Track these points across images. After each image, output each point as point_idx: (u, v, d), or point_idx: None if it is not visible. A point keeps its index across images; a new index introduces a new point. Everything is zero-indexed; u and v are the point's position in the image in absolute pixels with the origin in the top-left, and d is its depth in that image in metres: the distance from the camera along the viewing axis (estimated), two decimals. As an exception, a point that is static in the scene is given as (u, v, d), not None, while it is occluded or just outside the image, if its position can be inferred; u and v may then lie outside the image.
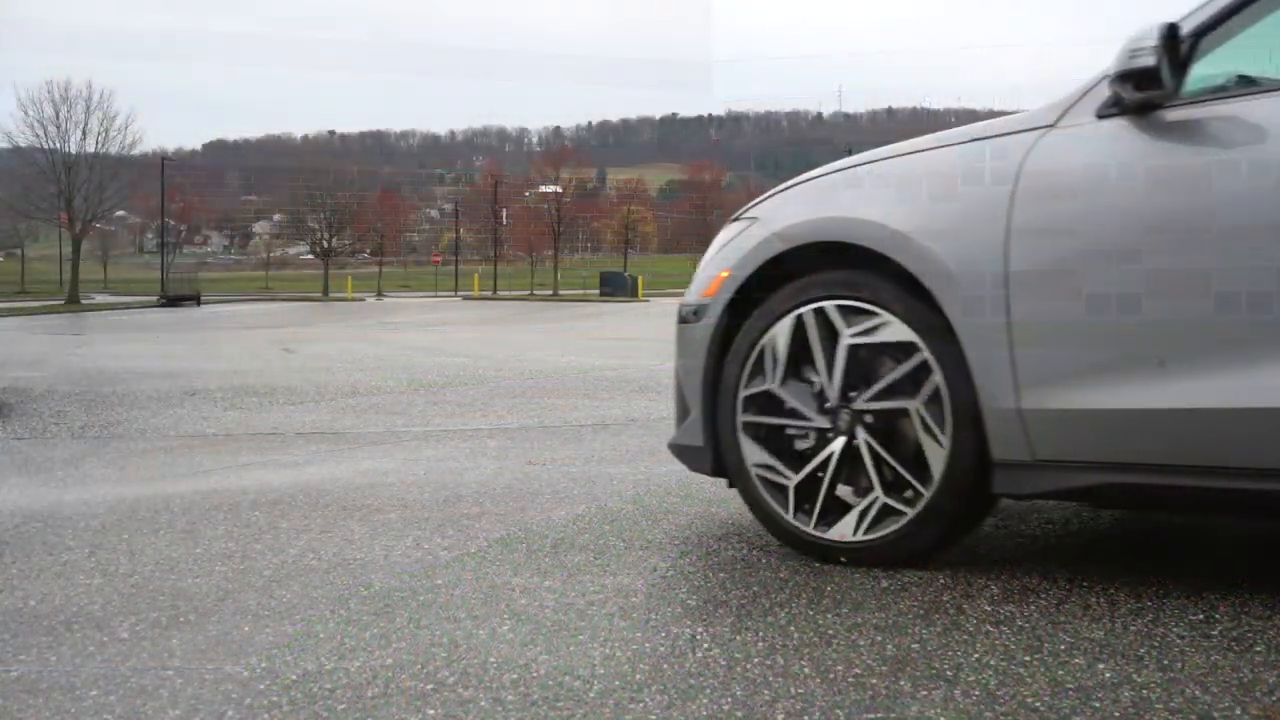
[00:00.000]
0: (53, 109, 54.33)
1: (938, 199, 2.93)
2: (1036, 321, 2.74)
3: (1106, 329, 2.65)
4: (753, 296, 3.20)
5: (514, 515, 3.75)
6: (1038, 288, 2.73)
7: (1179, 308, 2.57)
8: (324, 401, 7.53)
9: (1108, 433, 2.66)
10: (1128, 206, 2.66)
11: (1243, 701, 2.04)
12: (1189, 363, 2.54)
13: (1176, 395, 2.54)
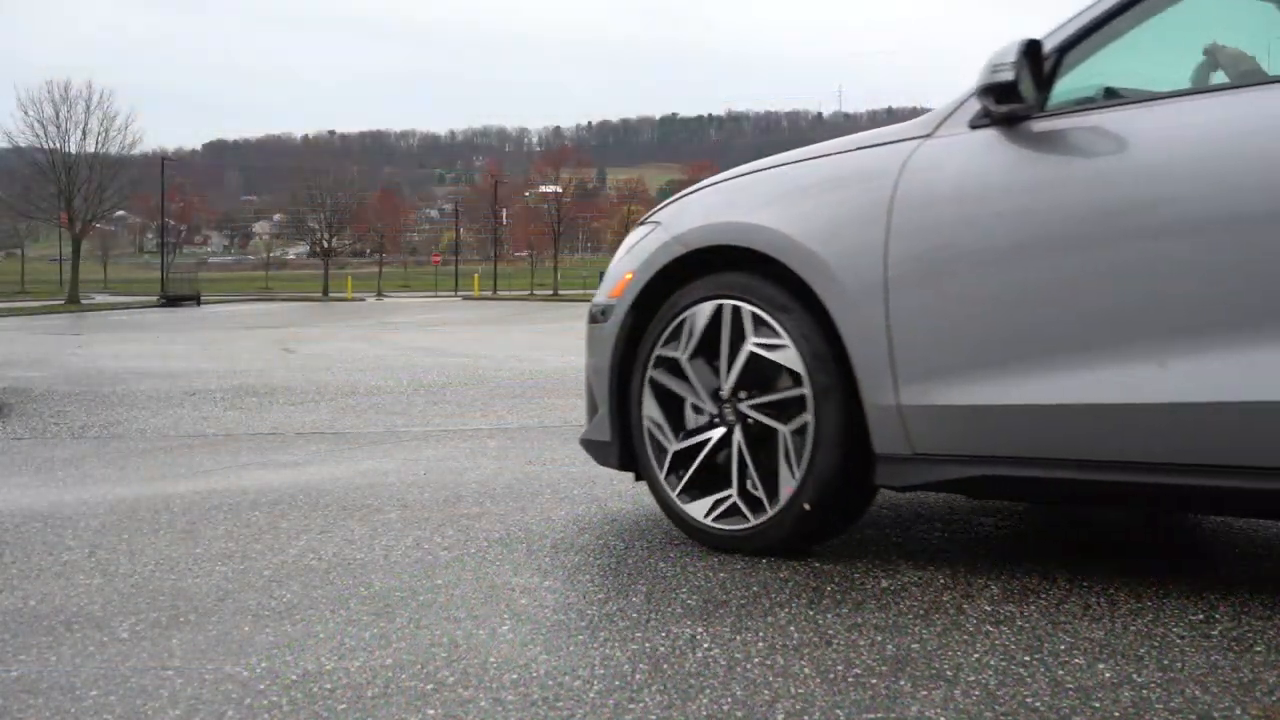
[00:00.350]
0: (53, 109, 54.40)
1: (823, 204, 3.05)
2: (912, 321, 2.85)
3: (976, 328, 2.77)
4: (656, 298, 3.36)
5: (514, 515, 3.75)
6: (913, 289, 2.85)
7: (1044, 309, 2.68)
8: (324, 401, 7.53)
9: (979, 428, 2.77)
10: (996, 212, 2.77)
11: (1243, 701, 2.04)
12: (1053, 360, 2.65)
13: (1043, 392, 2.65)
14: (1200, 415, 2.47)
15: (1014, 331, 2.72)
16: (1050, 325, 2.68)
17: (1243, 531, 3.42)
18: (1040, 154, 2.76)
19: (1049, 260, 2.68)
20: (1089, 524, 3.53)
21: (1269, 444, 2.38)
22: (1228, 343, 2.44)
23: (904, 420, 2.87)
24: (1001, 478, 2.78)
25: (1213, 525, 3.53)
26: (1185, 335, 2.49)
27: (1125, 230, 2.59)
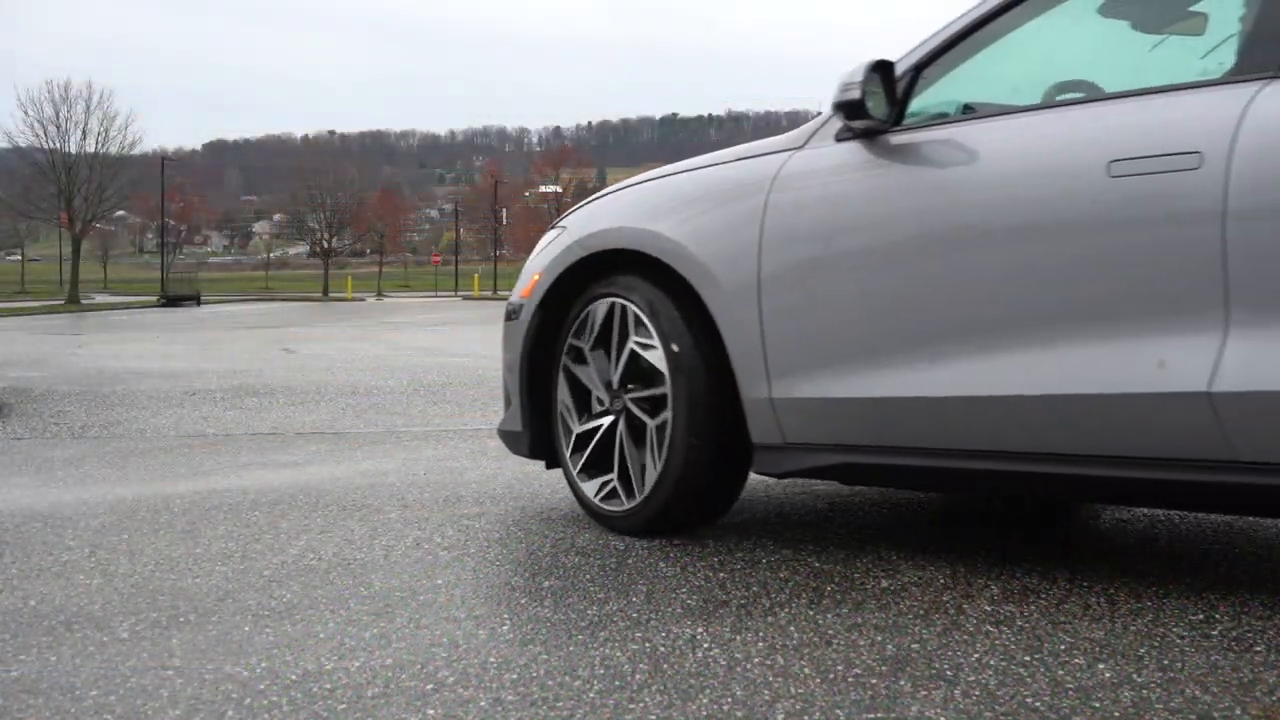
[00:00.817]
0: (53, 109, 54.42)
1: (706, 211, 3.30)
2: (782, 321, 3.09)
3: (837, 327, 3.01)
4: (562, 298, 3.61)
5: (514, 515, 3.75)
6: (782, 292, 3.09)
7: (896, 309, 2.91)
8: (324, 401, 7.53)
9: (842, 419, 3.02)
10: (854, 219, 3.01)
11: (1243, 701, 2.04)
12: (903, 357, 2.89)
13: (895, 386, 2.89)
14: (1029, 407, 2.69)
15: (870, 330, 2.96)
16: (901, 324, 2.90)
17: (1243, 531, 3.42)
18: (895, 165, 2.97)
19: (901, 264, 2.91)
20: (1089, 524, 3.53)
21: (1088, 432, 2.62)
22: (1052, 340, 2.66)
23: (776, 412, 3.11)
24: (862, 465, 3.04)
25: (1213, 525, 3.53)
26: (1017, 333, 2.72)
27: (969, 235, 2.81)
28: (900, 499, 3.99)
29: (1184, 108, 2.58)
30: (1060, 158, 2.71)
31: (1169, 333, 2.52)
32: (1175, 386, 2.49)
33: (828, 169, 3.09)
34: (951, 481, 3.04)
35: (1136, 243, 2.57)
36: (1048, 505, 3.79)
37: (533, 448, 3.67)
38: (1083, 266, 2.64)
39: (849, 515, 3.68)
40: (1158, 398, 2.52)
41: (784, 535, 3.39)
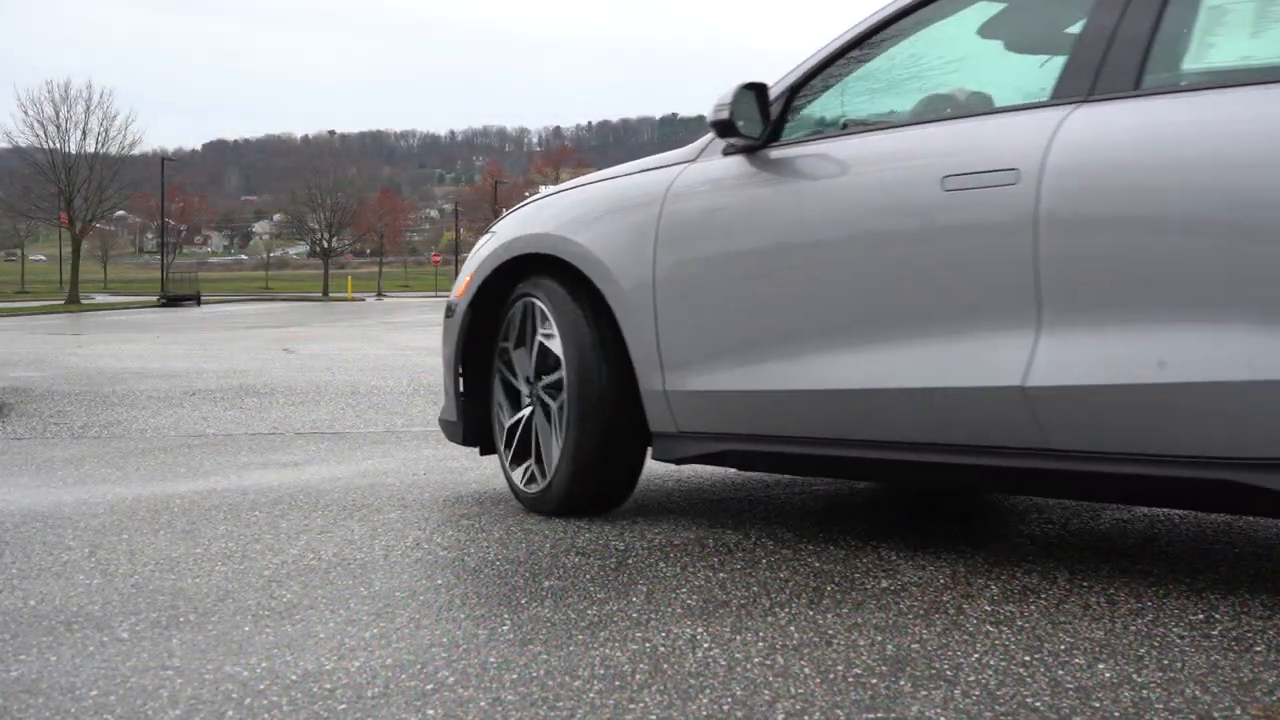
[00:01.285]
0: (53, 109, 54.40)
1: (610, 219, 3.59)
2: (673, 319, 3.38)
3: (719, 325, 3.31)
4: (491, 297, 3.90)
5: (513, 515, 3.75)
6: (673, 292, 3.38)
7: (770, 309, 3.21)
8: (324, 401, 7.53)
9: (725, 409, 3.32)
10: (734, 225, 3.30)
11: (1243, 701, 2.04)
12: (775, 352, 3.18)
13: (770, 379, 3.18)
14: (882, 399, 2.98)
15: (746, 328, 3.26)
16: (772, 323, 3.21)
17: (1243, 531, 3.42)
18: (770, 177, 3.26)
19: (771, 268, 3.22)
20: (1089, 524, 3.53)
21: (929, 422, 2.91)
22: (899, 338, 2.95)
23: (670, 403, 3.42)
24: (745, 452, 3.34)
25: (1213, 525, 3.53)
26: (870, 331, 3.01)
27: (829, 242, 3.11)
28: (901, 499, 3.99)
29: (1007, 129, 2.87)
30: (905, 173, 3.00)
31: (993, 332, 2.79)
32: (997, 381, 2.77)
33: (713, 180, 3.39)
34: (821, 467, 3.32)
35: (965, 251, 2.85)
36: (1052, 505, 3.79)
37: (465, 436, 3.98)
38: (923, 272, 2.92)
39: (849, 515, 3.68)
40: (984, 391, 2.80)
41: (784, 535, 3.39)
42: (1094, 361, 2.66)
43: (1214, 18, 2.72)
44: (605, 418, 3.51)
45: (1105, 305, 2.66)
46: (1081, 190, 2.69)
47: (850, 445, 3.10)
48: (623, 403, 3.51)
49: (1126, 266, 2.64)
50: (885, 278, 2.99)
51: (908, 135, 3.09)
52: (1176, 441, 2.58)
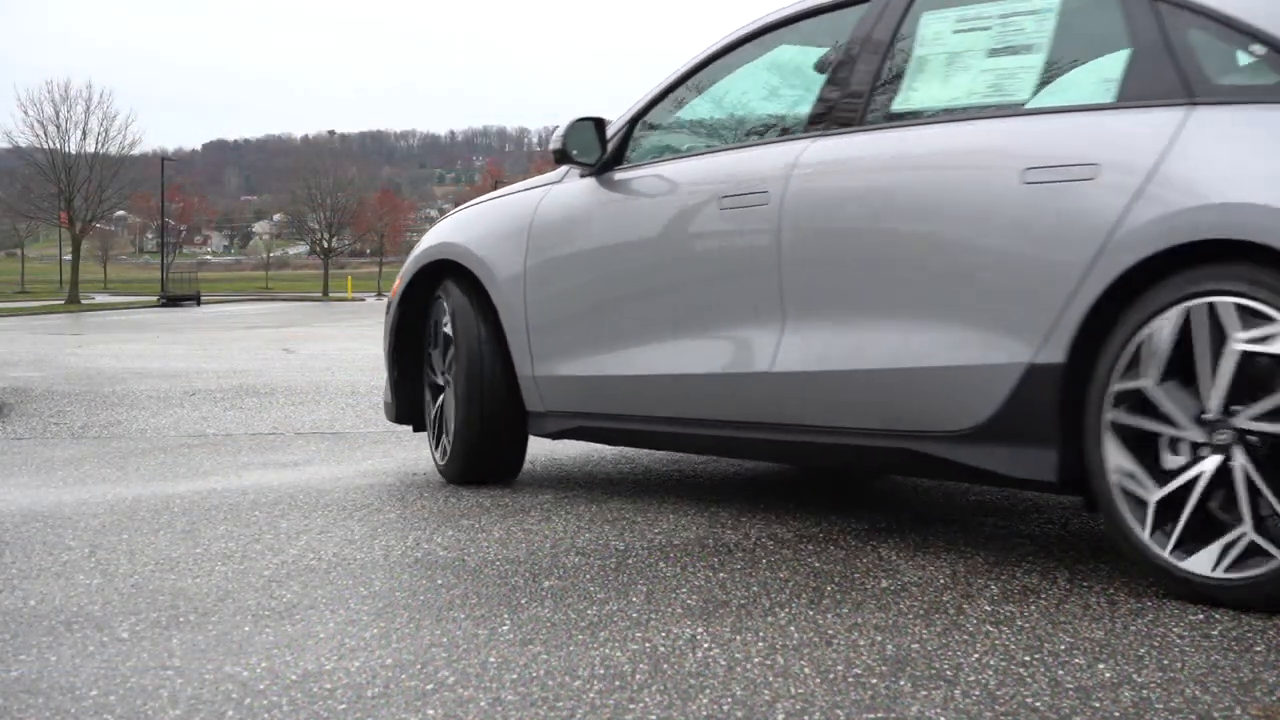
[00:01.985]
0: (53, 109, 54.39)
1: (495, 228, 4.22)
2: (538, 314, 4.01)
3: (572, 319, 3.95)
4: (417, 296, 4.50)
5: (514, 515, 3.75)
6: (539, 292, 4.01)
7: (605, 307, 3.86)
8: (324, 401, 7.52)
9: (577, 392, 3.94)
10: (582, 235, 3.95)
11: (1243, 701, 2.04)
12: (610, 344, 3.82)
13: (606, 367, 3.83)
14: (684, 384, 3.61)
15: (589, 323, 3.89)
16: (607, 319, 3.84)
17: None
18: (609, 195, 3.90)
19: (605, 271, 3.87)
20: (1089, 524, 3.53)
21: (715, 402, 3.55)
22: (693, 331, 3.59)
23: (538, 386, 4.03)
24: (593, 428, 3.96)
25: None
26: (673, 327, 3.64)
27: (644, 250, 3.77)
28: (900, 500, 3.99)
29: (768, 156, 3.47)
30: (699, 193, 3.63)
31: (755, 327, 3.41)
32: (754, 368, 3.42)
33: (570, 196, 4.01)
34: (651, 441, 3.93)
35: (734, 260, 3.48)
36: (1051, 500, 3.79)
37: (398, 415, 4.56)
38: (708, 277, 3.57)
39: (849, 515, 3.68)
40: (747, 376, 3.44)
41: (784, 535, 3.40)
42: (816, 351, 3.28)
43: (915, 70, 3.31)
44: (490, 398, 4.11)
45: (824, 305, 3.28)
46: (807, 209, 3.31)
47: (666, 422, 3.73)
48: (506, 386, 4.12)
49: (835, 272, 3.26)
50: (684, 282, 3.66)
51: (706, 161, 3.71)
52: (871, 416, 3.19)
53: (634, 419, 3.82)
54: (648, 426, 3.79)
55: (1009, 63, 3.14)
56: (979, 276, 2.95)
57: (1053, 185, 2.81)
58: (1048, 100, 3.00)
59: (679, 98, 3.91)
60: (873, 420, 3.18)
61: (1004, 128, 3.04)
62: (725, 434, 3.57)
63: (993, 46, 3.18)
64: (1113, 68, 2.93)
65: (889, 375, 3.11)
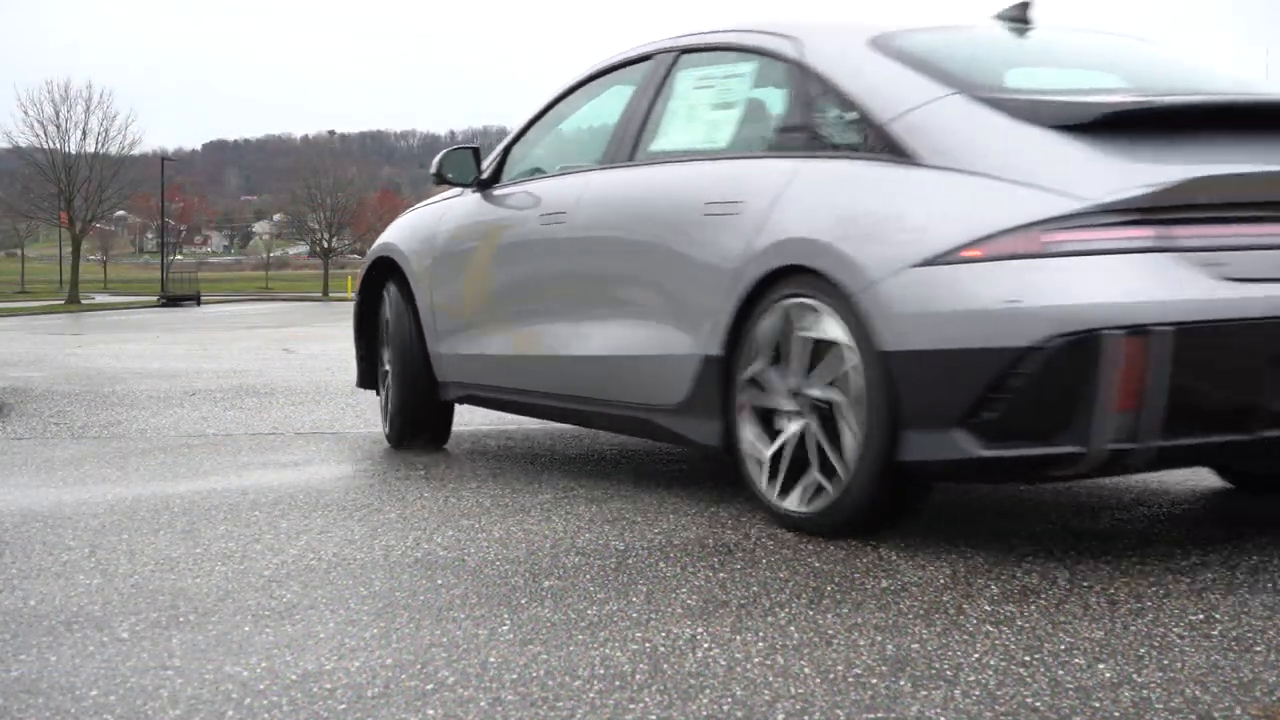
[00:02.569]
0: (53, 109, 54.36)
1: (418, 230, 5.19)
2: (440, 303, 4.95)
3: (458, 308, 4.88)
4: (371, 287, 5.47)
5: (514, 515, 3.75)
6: (440, 284, 4.96)
7: (483, 297, 4.77)
8: (324, 401, 7.52)
9: (465, 368, 4.87)
10: (468, 238, 4.89)
11: (1243, 701, 2.04)
12: (487, 328, 4.73)
13: (485, 347, 4.73)
14: (527, 363, 4.51)
15: (473, 310, 4.81)
16: (485, 307, 4.75)
17: (1243, 531, 3.42)
18: (488, 206, 4.83)
19: (482, 268, 4.79)
20: (1089, 524, 3.53)
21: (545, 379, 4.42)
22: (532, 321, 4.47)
23: (440, 362, 4.97)
24: (479, 396, 4.91)
25: (1213, 525, 3.53)
26: (529, 317, 4.49)
27: (506, 251, 4.64)
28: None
29: (572, 183, 4.41)
30: (533, 210, 4.53)
31: (563, 321, 4.30)
32: (561, 353, 4.31)
33: (464, 206, 4.96)
34: (515, 409, 4.81)
35: (551, 263, 4.38)
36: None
37: (362, 383, 5.64)
38: (539, 278, 4.46)
39: (849, 515, 3.67)
40: (561, 359, 4.32)
41: (784, 535, 3.40)
42: (588, 342, 4.18)
43: (669, 118, 4.15)
44: (415, 372, 5.06)
45: (593, 305, 4.19)
46: (583, 228, 4.21)
47: (522, 393, 4.61)
48: (427, 364, 5.03)
49: (598, 279, 4.18)
50: (525, 281, 4.55)
51: (545, 183, 4.60)
52: (622, 393, 4.05)
53: (501, 390, 4.73)
54: (510, 397, 4.72)
55: (718, 116, 4.01)
56: (679, 285, 3.80)
57: (719, 217, 3.65)
58: (731, 148, 3.88)
59: (543, 126, 4.82)
60: (624, 396, 4.06)
61: (703, 169, 3.89)
62: (555, 404, 4.46)
63: (713, 102, 4.06)
64: (772, 124, 3.86)
65: (628, 361, 4.01)
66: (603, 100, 4.61)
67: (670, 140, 4.12)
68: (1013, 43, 3.96)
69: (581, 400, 4.26)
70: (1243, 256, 2.99)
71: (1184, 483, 4.12)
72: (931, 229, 3.10)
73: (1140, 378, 2.84)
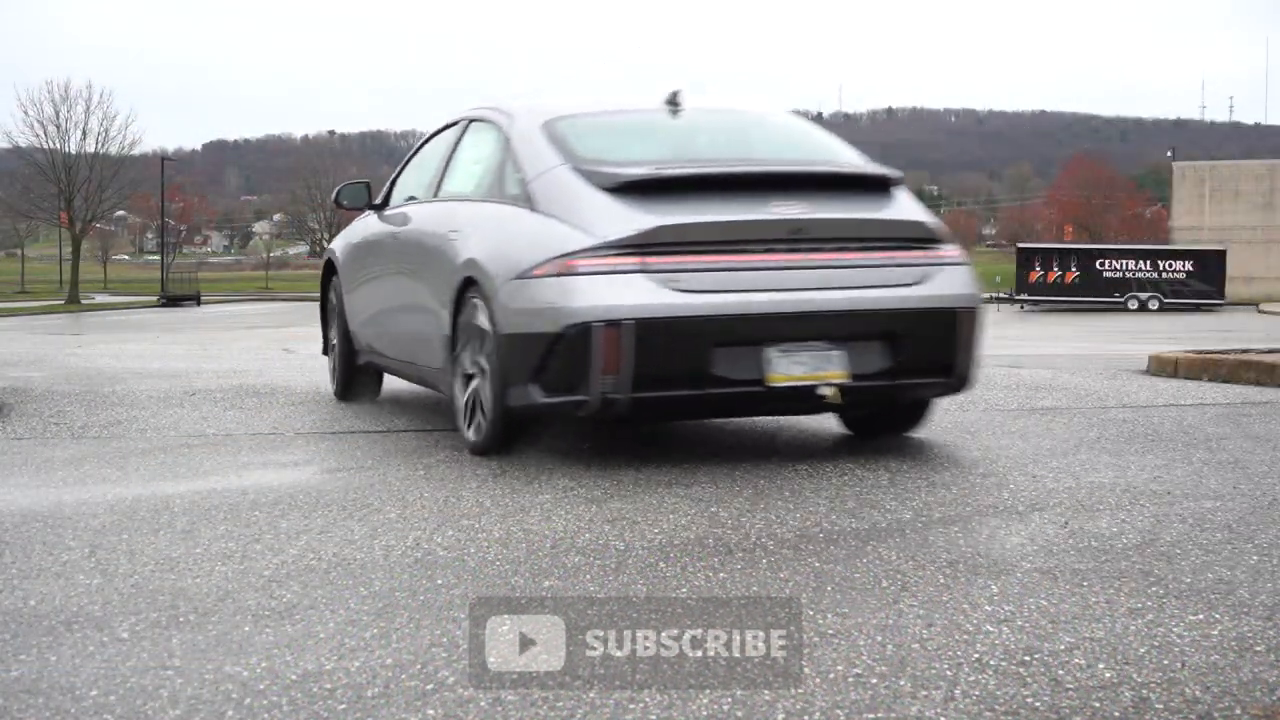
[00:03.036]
0: (53, 109, 54.27)
1: (348, 237, 6.94)
2: (350, 292, 6.60)
3: (359, 301, 6.45)
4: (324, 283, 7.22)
5: (514, 515, 3.75)
6: (350, 278, 6.63)
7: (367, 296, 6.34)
8: (324, 401, 7.52)
9: (361, 339, 6.47)
10: (363, 251, 6.51)
11: (1243, 701, 2.04)
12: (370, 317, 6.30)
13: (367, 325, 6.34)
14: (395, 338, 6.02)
15: (365, 305, 6.34)
16: (369, 304, 6.28)
17: (1243, 531, 3.42)
18: (379, 224, 6.33)
19: (368, 274, 6.36)
20: (1088, 524, 3.53)
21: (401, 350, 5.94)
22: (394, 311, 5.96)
23: (356, 336, 6.54)
24: (371, 362, 6.42)
25: (1213, 525, 3.53)
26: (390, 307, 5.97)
27: (379, 262, 6.22)
28: (900, 500, 3.99)
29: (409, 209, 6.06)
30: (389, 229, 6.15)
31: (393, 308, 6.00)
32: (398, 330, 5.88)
33: (364, 223, 6.63)
34: (388, 370, 6.37)
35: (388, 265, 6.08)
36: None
37: (325, 351, 7.29)
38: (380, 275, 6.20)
39: (849, 515, 3.68)
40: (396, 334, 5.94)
41: (784, 535, 3.40)
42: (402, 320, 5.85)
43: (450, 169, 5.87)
44: (346, 343, 6.69)
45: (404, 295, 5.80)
46: (403, 240, 5.91)
47: (382, 357, 6.16)
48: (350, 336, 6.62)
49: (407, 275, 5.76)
50: (379, 277, 6.20)
51: (403, 208, 6.15)
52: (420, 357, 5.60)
53: (376, 354, 6.29)
54: (380, 360, 6.28)
55: (471, 169, 5.69)
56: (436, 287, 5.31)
57: (453, 240, 5.20)
58: (471, 193, 5.52)
59: (413, 165, 6.44)
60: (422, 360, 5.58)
61: (454, 206, 5.55)
62: (397, 366, 6.06)
63: (471, 159, 5.72)
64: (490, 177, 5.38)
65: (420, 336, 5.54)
66: (437, 149, 6.20)
67: (452, 184, 5.81)
68: (654, 122, 5.42)
69: (405, 363, 5.91)
70: (691, 276, 4.42)
71: (1176, 487, 4.11)
72: (525, 254, 4.63)
73: (616, 353, 4.32)
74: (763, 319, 4.45)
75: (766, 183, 4.74)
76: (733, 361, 4.43)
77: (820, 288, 4.54)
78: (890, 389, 4.69)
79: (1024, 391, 6.98)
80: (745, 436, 5.40)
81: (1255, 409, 6.13)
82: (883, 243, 4.71)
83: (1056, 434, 5.27)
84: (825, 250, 4.62)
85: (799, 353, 4.48)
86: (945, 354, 4.67)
